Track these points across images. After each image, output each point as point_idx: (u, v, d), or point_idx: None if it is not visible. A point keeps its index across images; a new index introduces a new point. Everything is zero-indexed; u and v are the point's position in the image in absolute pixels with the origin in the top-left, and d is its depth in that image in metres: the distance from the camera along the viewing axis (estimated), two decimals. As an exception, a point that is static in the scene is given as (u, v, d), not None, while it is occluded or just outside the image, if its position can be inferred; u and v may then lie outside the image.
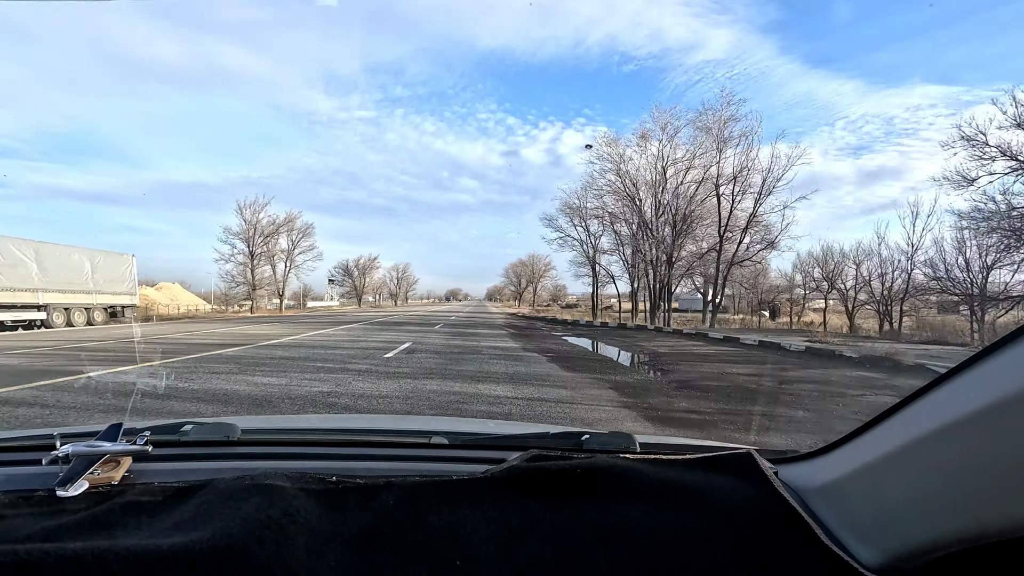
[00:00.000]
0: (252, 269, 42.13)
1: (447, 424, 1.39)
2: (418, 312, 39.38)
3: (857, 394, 6.15)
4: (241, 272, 42.42)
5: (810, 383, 6.88)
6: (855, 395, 6.09)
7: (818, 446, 0.74)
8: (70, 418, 4.13)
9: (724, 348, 12.50)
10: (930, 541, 0.49)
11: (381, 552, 0.56)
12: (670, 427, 4.37)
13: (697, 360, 9.66)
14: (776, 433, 4.27)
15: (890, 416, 0.58)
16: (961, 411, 0.46)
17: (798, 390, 6.32)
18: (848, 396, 5.99)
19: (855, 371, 8.18)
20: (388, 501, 0.63)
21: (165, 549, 0.48)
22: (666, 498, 0.64)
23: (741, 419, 4.68)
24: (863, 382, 7.09)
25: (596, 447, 0.86)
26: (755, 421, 4.67)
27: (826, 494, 0.64)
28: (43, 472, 0.70)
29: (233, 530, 0.52)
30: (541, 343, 12.91)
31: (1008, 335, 0.45)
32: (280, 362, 7.80)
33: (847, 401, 5.67)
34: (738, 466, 0.69)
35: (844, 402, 5.60)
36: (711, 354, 10.90)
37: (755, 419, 4.75)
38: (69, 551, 0.46)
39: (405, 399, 5.10)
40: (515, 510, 0.62)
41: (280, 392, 5.25)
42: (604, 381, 6.72)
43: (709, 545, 0.57)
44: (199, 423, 0.95)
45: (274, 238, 43.96)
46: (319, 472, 0.70)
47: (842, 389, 6.45)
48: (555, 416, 4.57)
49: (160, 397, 4.68)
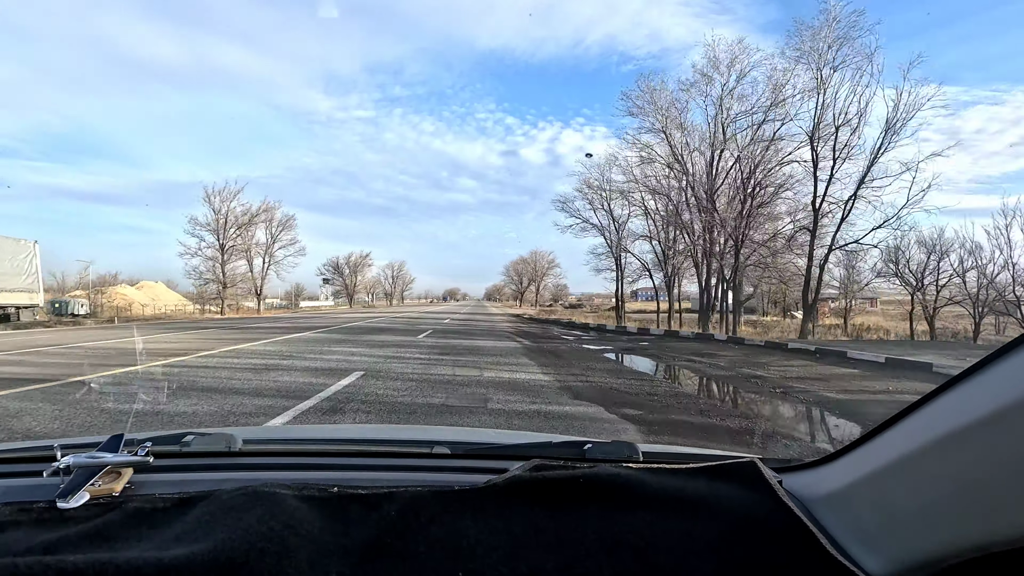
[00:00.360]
0: (223, 264, 37.44)
1: (449, 433, 1.31)
2: (408, 314, 33.17)
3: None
4: (211, 268, 37.68)
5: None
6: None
7: (823, 454, 0.72)
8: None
9: (915, 382, 7.35)
10: (937, 550, 0.48)
11: (383, 563, 0.55)
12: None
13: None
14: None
15: (895, 423, 0.57)
16: (968, 417, 0.45)
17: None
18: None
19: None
20: (390, 512, 0.62)
21: (166, 561, 0.48)
22: (670, 507, 0.64)
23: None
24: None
25: (599, 456, 0.86)
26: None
27: (831, 503, 0.64)
28: (44, 484, 0.70)
29: (235, 542, 0.52)
30: (586, 372, 7.51)
31: (1016, 339, 0.44)
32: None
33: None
34: (742, 475, 0.69)
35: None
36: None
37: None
38: (70, 564, 0.46)
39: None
40: (518, 520, 0.62)
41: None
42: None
43: (713, 554, 0.57)
44: (200, 433, 0.94)
45: (248, 230, 39.09)
46: (321, 483, 0.70)
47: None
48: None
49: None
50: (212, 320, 24.69)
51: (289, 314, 33.06)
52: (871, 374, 7.95)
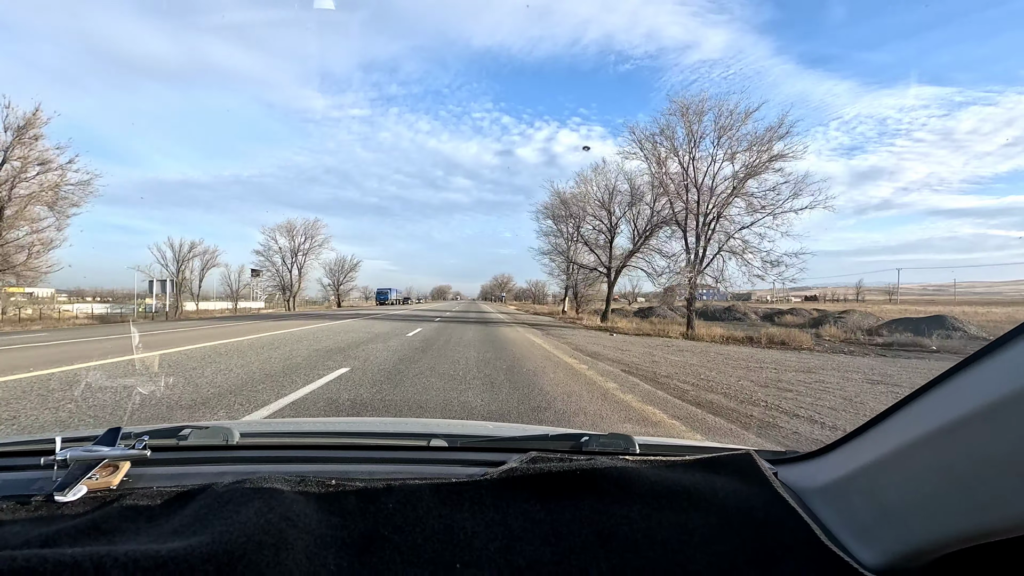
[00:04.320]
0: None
1: (446, 427, 1.31)
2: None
3: None
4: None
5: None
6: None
7: (817, 446, 0.73)
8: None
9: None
10: (930, 541, 0.49)
11: (381, 555, 0.55)
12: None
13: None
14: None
15: (889, 416, 0.57)
16: (960, 411, 0.46)
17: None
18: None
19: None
20: (388, 504, 0.62)
21: (164, 555, 0.47)
22: (666, 499, 0.64)
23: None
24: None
25: (596, 449, 0.86)
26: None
27: (826, 494, 0.64)
28: (42, 477, 0.70)
29: (232, 535, 0.51)
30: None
31: (1006, 335, 0.44)
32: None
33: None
34: (738, 467, 0.69)
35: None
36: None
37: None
38: (67, 557, 0.45)
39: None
40: (515, 512, 0.62)
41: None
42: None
43: (709, 546, 0.57)
44: (197, 427, 0.91)
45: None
46: (318, 476, 0.69)
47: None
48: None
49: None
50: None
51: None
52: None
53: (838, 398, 5.31)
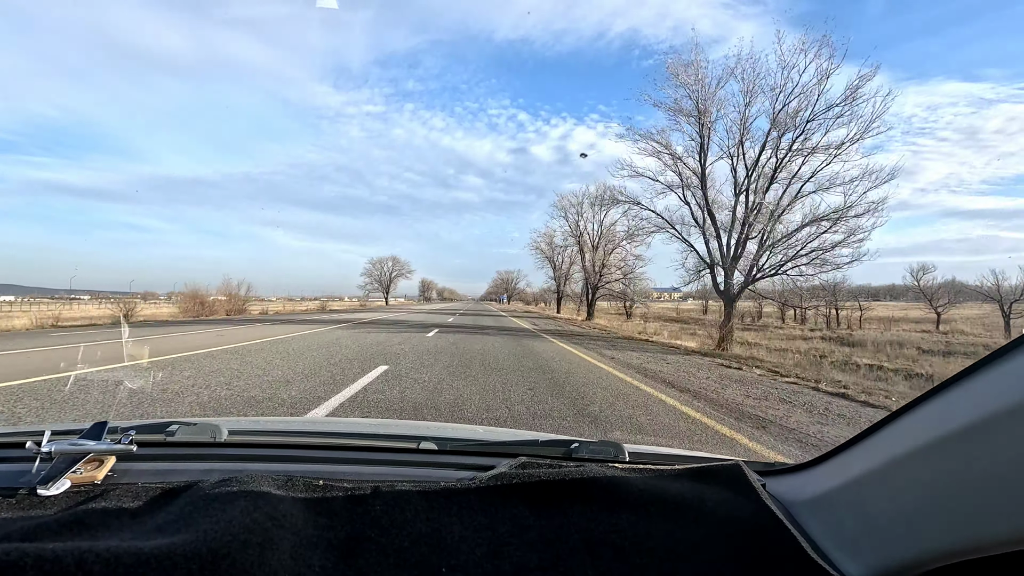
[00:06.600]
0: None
1: (436, 429, 1.26)
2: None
3: None
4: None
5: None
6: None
7: (807, 459, 0.73)
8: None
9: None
10: (917, 556, 0.49)
11: (367, 558, 0.55)
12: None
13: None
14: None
15: (878, 430, 0.57)
16: (949, 426, 0.46)
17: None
18: None
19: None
20: (375, 506, 0.62)
21: (147, 551, 0.47)
22: (654, 508, 0.64)
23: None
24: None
25: (586, 456, 0.87)
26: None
27: (814, 507, 0.64)
28: (25, 470, 0.69)
29: (217, 533, 0.51)
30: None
31: (998, 350, 0.44)
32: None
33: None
34: (726, 478, 0.69)
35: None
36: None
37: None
38: (48, 552, 0.45)
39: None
40: (503, 518, 0.62)
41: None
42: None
43: (696, 556, 0.57)
44: (185, 423, 0.91)
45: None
46: (306, 475, 0.70)
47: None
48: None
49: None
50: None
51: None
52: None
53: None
